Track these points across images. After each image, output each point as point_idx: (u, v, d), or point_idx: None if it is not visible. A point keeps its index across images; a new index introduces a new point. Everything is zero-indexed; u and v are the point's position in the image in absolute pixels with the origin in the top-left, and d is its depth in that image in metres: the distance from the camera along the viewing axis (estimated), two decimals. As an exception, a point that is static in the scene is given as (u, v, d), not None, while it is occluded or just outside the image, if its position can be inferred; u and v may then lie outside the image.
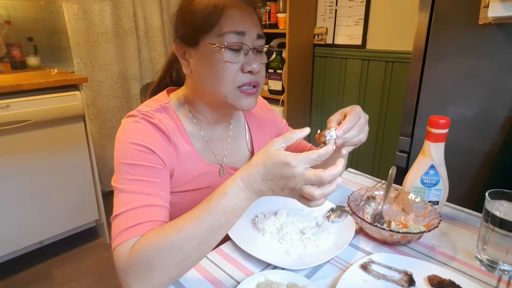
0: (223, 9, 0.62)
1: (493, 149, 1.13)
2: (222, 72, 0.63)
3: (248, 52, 0.65)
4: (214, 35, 0.63)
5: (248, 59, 0.65)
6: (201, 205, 0.54)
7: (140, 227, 0.55)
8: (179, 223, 0.53)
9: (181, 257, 0.52)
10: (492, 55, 1.08)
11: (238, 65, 0.64)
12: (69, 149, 1.72)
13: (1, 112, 1.44)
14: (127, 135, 0.64)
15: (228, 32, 0.62)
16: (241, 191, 0.52)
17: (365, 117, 0.65)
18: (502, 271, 0.60)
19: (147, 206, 0.58)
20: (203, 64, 0.66)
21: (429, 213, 0.71)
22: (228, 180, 0.54)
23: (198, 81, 0.68)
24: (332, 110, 2.31)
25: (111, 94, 2.27)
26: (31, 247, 1.74)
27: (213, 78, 0.65)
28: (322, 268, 0.61)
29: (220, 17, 0.62)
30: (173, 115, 0.71)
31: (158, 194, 0.60)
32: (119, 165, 0.61)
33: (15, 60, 1.87)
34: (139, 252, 0.52)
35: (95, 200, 1.90)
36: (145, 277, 0.51)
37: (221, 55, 0.63)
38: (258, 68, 0.65)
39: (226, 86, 0.65)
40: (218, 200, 0.52)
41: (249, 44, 0.65)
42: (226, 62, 0.63)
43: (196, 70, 0.67)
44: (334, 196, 0.88)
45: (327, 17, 2.18)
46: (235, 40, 0.63)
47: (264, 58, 0.69)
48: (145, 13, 2.32)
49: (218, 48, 0.62)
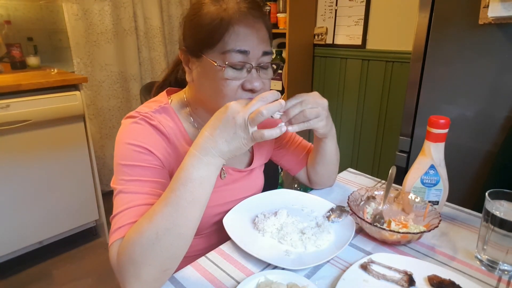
0: (229, 24, 0.60)
1: (493, 149, 1.13)
2: (223, 89, 0.63)
3: (251, 70, 0.63)
4: (217, 51, 0.61)
5: (250, 77, 0.63)
6: (167, 187, 0.54)
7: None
8: (149, 211, 0.53)
9: (161, 246, 0.51)
10: (492, 55, 1.08)
11: (239, 82, 0.63)
12: (69, 149, 1.72)
13: (1, 112, 1.44)
14: (126, 136, 0.64)
15: (231, 51, 0.60)
16: (195, 157, 0.53)
17: (317, 100, 0.67)
18: (502, 271, 0.60)
19: (144, 204, 0.58)
20: (204, 77, 0.65)
21: (429, 213, 0.71)
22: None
23: (199, 90, 0.68)
24: (332, 110, 2.31)
25: (111, 94, 2.27)
26: (31, 247, 1.74)
27: (213, 92, 0.65)
28: (322, 268, 0.61)
29: (225, 33, 0.60)
30: (173, 116, 0.71)
31: (156, 193, 0.60)
32: (118, 166, 0.62)
33: (15, 60, 1.88)
34: (122, 251, 0.52)
35: (95, 200, 1.90)
36: (134, 274, 0.51)
37: (222, 72, 0.61)
38: (259, 86, 0.64)
39: (226, 101, 0.63)
40: (177, 176, 0.53)
41: (253, 62, 0.63)
42: (227, 79, 0.62)
43: (197, 80, 0.67)
44: (334, 196, 0.88)
45: (327, 17, 2.18)
46: (238, 59, 0.61)
47: (269, 73, 0.67)
48: (145, 13, 2.32)
49: (220, 66, 0.61)
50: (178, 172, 0.54)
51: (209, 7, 0.62)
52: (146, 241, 0.51)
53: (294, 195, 0.86)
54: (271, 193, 0.86)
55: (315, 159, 0.84)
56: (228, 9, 0.61)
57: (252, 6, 0.62)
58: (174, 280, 0.58)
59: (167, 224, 0.51)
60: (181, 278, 0.59)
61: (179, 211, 0.52)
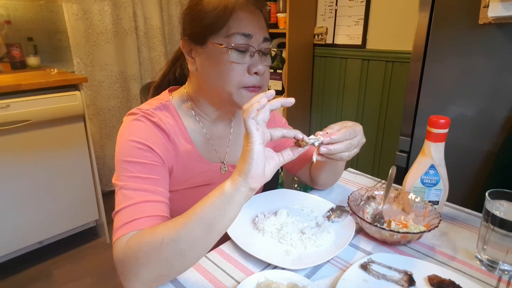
0: (232, 10, 0.63)
1: (493, 149, 1.13)
2: (229, 72, 0.65)
3: (254, 54, 0.66)
4: (222, 35, 0.64)
5: (254, 61, 0.66)
6: (198, 204, 0.54)
7: (138, 222, 0.57)
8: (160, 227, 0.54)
9: (163, 257, 0.52)
10: (492, 55, 1.08)
11: (244, 66, 0.66)
12: (69, 149, 1.72)
13: (1, 112, 1.44)
14: (127, 133, 0.65)
15: (235, 34, 0.63)
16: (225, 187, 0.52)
17: (360, 140, 0.63)
18: (502, 271, 0.60)
19: (145, 202, 0.59)
20: (209, 62, 0.67)
21: (429, 213, 0.71)
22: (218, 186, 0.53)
23: (203, 78, 0.69)
24: (332, 110, 2.32)
25: (111, 94, 2.27)
26: (31, 247, 1.74)
27: (219, 77, 0.66)
28: (322, 268, 0.61)
29: (229, 18, 0.63)
30: (173, 113, 0.72)
31: (156, 191, 0.62)
32: (119, 162, 0.63)
33: (15, 60, 1.88)
34: (131, 245, 0.54)
35: (95, 200, 1.89)
36: (134, 270, 0.53)
37: (228, 55, 0.64)
38: (263, 70, 0.67)
39: (232, 85, 0.66)
40: (215, 197, 0.52)
41: (255, 46, 0.66)
42: (232, 62, 0.64)
43: (202, 68, 0.69)
44: (334, 196, 0.88)
45: (327, 17, 2.18)
46: (242, 42, 0.64)
47: (268, 60, 0.70)
48: (145, 13, 2.32)
49: (226, 48, 0.64)
50: (215, 195, 0.53)
51: None
52: (153, 248, 0.52)
53: (294, 195, 0.86)
54: (271, 193, 0.86)
55: (323, 168, 0.83)
56: None
57: None
58: (174, 280, 0.58)
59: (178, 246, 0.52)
60: (181, 278, 0.59)
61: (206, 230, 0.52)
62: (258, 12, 0.67)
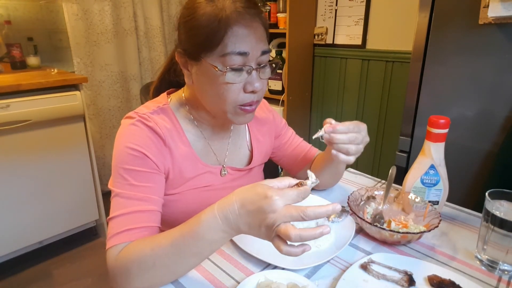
0: (227, 26, 0.58)
1: (493, 149, 1.13)
2: (224, 93, 0.63)
3: (251, 72, 0.63)
4: (216, 54, 0.60)
5: (251, 79, 0.63)
6: (180, 226, 0.54)
7: (130, 233, 0.58)
8: (157, 240, 0.55)
9: (154, 273, 0.54)
10: (492, 55, 1.08)
11: (240, 85, 0.63)
12: (69, 149, 1.72)
13: (1, 112, 1.44)
14: (123, 139, 0.65)
15: (231, 53, 0.59)
16: (215, 220, 0.50)
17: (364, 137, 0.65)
18: (502, 271, 0.60)
19: (138, 212, 0.61)
20: (204, 80, 0.64)
21: (429, 213, 0.71)
22: (207, 208, 0.53)
23: (199, 93, 0.68)
24: (332, 110, 2.32)
25: (111, 94, 2.27)
26: (31, 247, 1.74)
27: (214, 96, 0.65)
28: (322, 268, 0.61)
29: (224, 36, 0.59)
30: (171, 116, 0.71)
31: (150, 199, 0.63)
32: (115, 168, 0.64)
33: (15, 60, 1.88)
34: (122, 259, 0.56)
35: (95, 200, 1.90)
36: (125, 283, 0.55)
37: (223, 77, 0.61)
38: (260, 87, 0.64)
39: (227, 105, 0.64)
40: (192, 226, 0.52)
41: (253, 63, 0.62)
42: (228, 83, 0.62)
43: (197, 83, 0.67)
44: (334, 196, 0.88)
45: (327, 17, 2.18)
46: (238, 62, 0.60)
47: (267, 72, 0.66)
48: (145, 13, 2.32)
49: (220, 71, 0.61)
50: (194, 222, 0.52)
51: (204, 7, 0.60)
52: (144, 264, 0.54)
53: (294, 195, 0.85)
54: (271, 193, 0.86)
55: (324, 169, 0.82)
56: (224, 8, 0.59)
57: (248, 5, 0.61)
58: (174, 280, 0.58)
59: (166, 261, 0.54)
60: (181, 278, 0.59)
61: (181, 256, 0.54)
62: (256, 23, 0.61)
